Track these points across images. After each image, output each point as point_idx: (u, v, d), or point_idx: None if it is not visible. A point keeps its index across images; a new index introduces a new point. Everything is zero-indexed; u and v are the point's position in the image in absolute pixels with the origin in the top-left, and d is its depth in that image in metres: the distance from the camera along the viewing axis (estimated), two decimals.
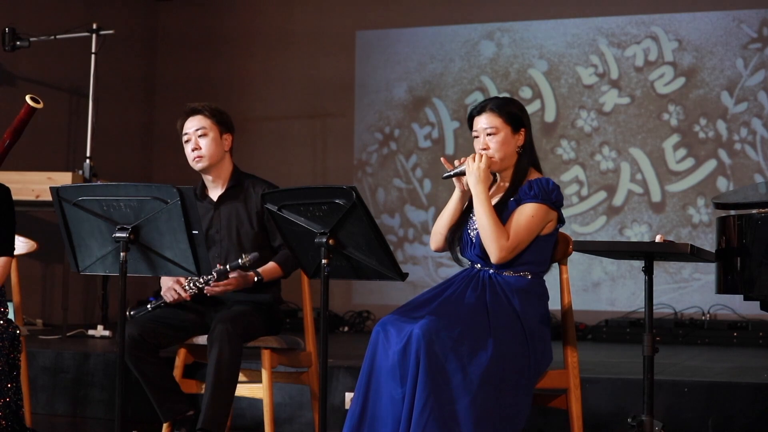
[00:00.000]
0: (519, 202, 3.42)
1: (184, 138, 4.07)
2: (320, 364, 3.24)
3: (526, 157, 3.50)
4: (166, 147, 8.44)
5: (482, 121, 3.48)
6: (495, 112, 3.47)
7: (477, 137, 3.50)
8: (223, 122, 4.09)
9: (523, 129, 3.49)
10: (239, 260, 3.85)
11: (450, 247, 3.57)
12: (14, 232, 3.88)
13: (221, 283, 3.88)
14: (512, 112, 3.48)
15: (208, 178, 4.10)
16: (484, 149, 3.46)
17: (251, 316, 3.89)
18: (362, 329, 7.48)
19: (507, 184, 3.51)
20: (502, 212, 3.42)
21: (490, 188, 3.49)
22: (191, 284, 3.91)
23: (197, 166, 4.05)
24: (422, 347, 3.13)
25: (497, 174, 3.56)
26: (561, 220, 3.51)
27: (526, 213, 3.39)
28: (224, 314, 3.85)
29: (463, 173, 3.44)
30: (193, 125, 4.05)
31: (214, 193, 4.10)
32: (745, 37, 7.34)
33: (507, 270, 3.42)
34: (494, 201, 3.48)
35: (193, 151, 4.04)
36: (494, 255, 3.36)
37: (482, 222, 3.37)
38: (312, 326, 4.10)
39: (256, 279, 3.95)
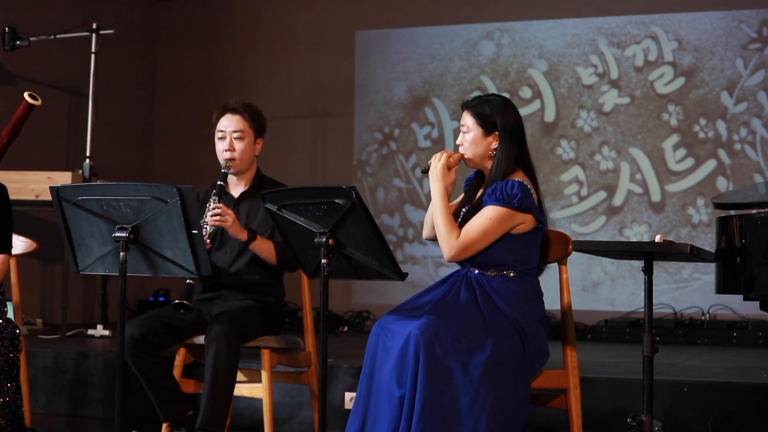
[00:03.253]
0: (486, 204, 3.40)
1: (218, 135, 4.07)
2: (320, 363, 3.24)
3: (497, 163, 3.44)
4: (166, 146, 8.46)
5: (462, 117, 3.51)
6: (470, 112, 3.48)
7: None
8: (259, 127, 4.11)
9: (496, 132, 3.44)
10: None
11: None
12: (11, 230, 3.88)
13: (220, 208, 3.83)
14: (484, 114, 3.45)
15: (232, 176, 4.12)
16: (459, 145, 3.51)
17: (249, 316, 3.89)
18: (362, 329, 7.48)
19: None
20: (472, 216, 3.42)
21: (477, 190, 3.52)
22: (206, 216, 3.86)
23: (230, 170, 4.05)
24: (421, 347, 3.13)
25: (485, 171, 3.54)
26: (540, 220, 3.44)
27: (484, 215, 3.37)
28: (221, 314, 3.85)
29: None
30: (230, 125, 4.06)
31: (236, 190, 4.12)
32: (744, 37, 7.35)
33: (489, 270, 3.41)
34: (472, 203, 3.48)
35: (225, 151, 4.04)
36: (444, 252, 3.39)
37: (435, 219, 3.40)
38: (312, 326, 4.10)
39: (248, 235, 3.91)
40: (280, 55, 8.37)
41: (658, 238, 3.41)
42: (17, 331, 3.72)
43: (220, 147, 4.06)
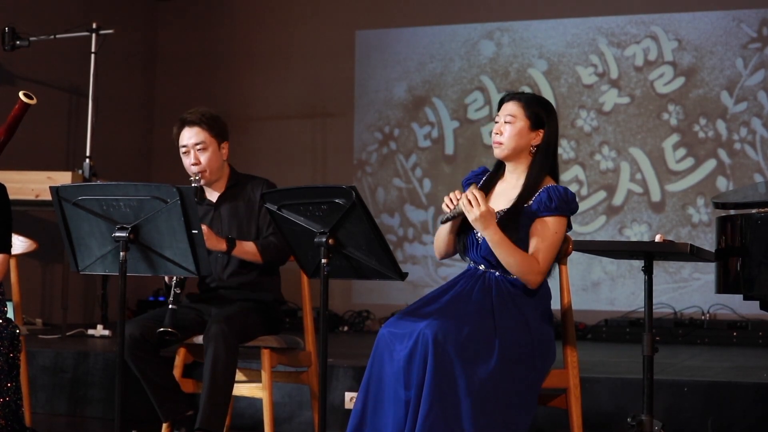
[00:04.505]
0: (534, 211, 3.37)
1: (182, 150, 4.05)
2: (320, 363, 3.24)
3: (541, 160, 3.44)
4: (166, 147, 8.44)
5: (506, 108, 3.46)
6: (521, 103, 3.45)
7: (496, 122, 3.47)
8: (220, 133, 4.07)
9: (542, 130, 3.44)
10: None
11: (456, 246, 3.54)
12: (11, 230, 3.88)
13: None
14: (536, 109, 3.44)
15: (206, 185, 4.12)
16: (497, 133, 3.44)
17: (248, 315, 3.89)
18: (362, 329, 7.48)
19: (520, 185, 3.45)
20: (518, 218, 3.37)
21: (495, 183, 3.51)
22: None
23: (201, 182, 4.05)
24: (430, 349, 3.10)
25: (508, 165, 3.52)
26: (570, 225, 3.50)
27: (551, 229, 3.35)
28: (220, 314, 3.85)
29: (461, 214, 3.35)
30: (191, 137, 4.03)
31: (213, 195, 4.11)
32: (744, 37, 7.34)
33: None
34: (507, 204, 3.43)
35: (193, 165, 4.03)
36: (531, 283, 3.33)
37: (507, 261, 3.31)
38: (312, 326, 4.10)
39: (226, 246, 3.90)
40: (280, 55, 8.37)
41: (658, 238, 3.41)
42: (17, 331, 3.72)
43: (187, 162, 4.05)
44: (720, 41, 7.40)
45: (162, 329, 3.73)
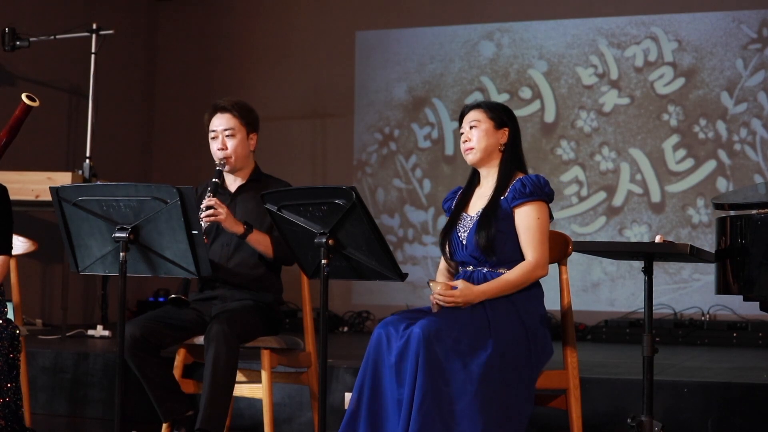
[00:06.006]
0: (510, 201, 3.44)
1: (211, 135, 4.10)
2: (320, 364, 3.24)
3: (510, 156, 3.54)
4: (166, 147, 8.46)
5: (469, 116, 3.59)
6: (481, 108, 3.59)
7: (462, 133, 3.60)
8: (250, 122, 4.13)
9: (506, 128, 3.55)
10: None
11: (441, 251, 3.60)
12: (12, 231, 3.88)
13: (213, 204, 3.83)
14: (496, 111, 3.58)
15: (230, 173, 4.15)
16: (466, 141, 3.55)
17: (249, 316, 3.90)
18: (362, 329, 7.48)
19: (493, 184, 3.52)
20: (495, 211, 3.43)
21: (472, 191, 3.58)
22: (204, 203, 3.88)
23: (225, 168, 4.07)
24: (422, 347, 3.13)
25: (482, 171, 3.57)
26: (551, 215, 3.53)
27: (533, 216, 3.42)
28: (221, 314, 3.85)
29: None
30: (221, 124, 4.08)
31: (233, 185, 4.14)
32: (744, 38, 7.35)
33: (502, 267, 3.43)
34: (484, 203, 3.49)
35: (219, 150, 4.06)
36: (540, 277, 3.42)
37: (510, 289, 3.38)
38: (311, 326, 4.10)
39: (243, 229, 3.92)
40: (280, 56, 8.37)
41: (658, 239, 3.41)
42: (17, 331, 3.72)
43: (214, 147, 4.10)
44: (720, 42, 7.40)
45: (174, 296, 3.84)
